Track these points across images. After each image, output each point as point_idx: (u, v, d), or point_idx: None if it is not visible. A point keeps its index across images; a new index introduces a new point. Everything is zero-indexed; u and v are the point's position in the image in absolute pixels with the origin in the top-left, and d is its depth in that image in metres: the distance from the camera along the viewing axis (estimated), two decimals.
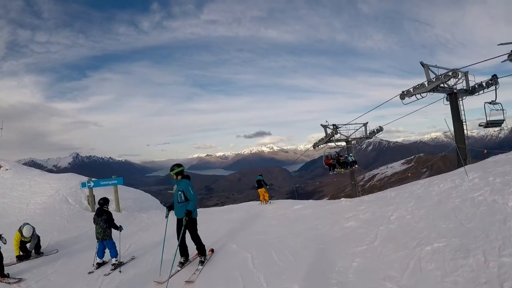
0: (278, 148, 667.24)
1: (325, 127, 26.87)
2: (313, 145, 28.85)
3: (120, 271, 7.72)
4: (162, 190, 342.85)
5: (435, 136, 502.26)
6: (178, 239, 7.13)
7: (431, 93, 17.64)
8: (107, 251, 8.37)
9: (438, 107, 19.33)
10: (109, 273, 7.67)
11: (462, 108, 18.41)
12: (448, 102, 18.66)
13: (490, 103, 18.19)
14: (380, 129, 27.39)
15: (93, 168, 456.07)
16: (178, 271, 7.06)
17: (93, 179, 17.92)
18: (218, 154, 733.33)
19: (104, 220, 8.33)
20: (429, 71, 17.68)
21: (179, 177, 7.39)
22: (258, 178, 20.51)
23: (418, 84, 18.07)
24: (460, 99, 18.35)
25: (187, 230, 7.23)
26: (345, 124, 26.95)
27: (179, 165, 7.44)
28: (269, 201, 20.14)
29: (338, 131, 26.40)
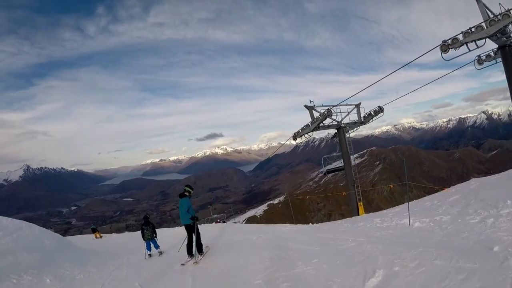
0: (232, 149, 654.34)
1: (310, 108, 20.93)
2: (293, 136, 22.97)
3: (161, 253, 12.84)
4: (117, 199, 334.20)
5: (385, 130, 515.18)
6: (190, 239, 9.93)
7: (494, 37, 12.37)
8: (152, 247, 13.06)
9: (388, 100, 18.87)
10: (159, 255, 12.55)
11: None
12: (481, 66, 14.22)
13: (328, 156, 23.31)
14: (379, 110, 21.88)
15: (45, 181, 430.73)
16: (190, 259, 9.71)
17: None
18: (171, 158, 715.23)
19: (151, 227, 13.19)
20: (486, 10, 12.48)
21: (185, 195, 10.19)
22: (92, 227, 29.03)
23: (471, 28, 12.54)
24: None
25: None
26: (335, 106, 21.12)
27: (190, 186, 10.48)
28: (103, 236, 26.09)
29: (332, 112, 20.37)
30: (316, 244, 9.05)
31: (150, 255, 12.48)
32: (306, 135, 22.40)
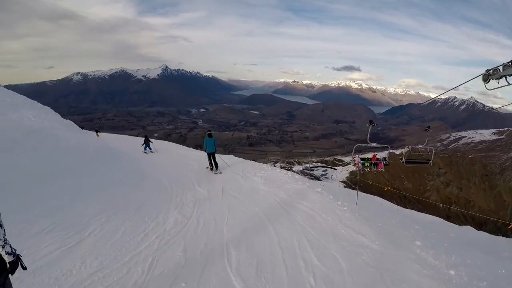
0: (367, 86, 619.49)
1: None
2: (484, 75, 5.74)
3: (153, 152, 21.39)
4: (245, 109, 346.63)
5: None
6: (214, 159, 15.10)
7: None
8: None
9: None
10: (152, 152, 21.16)
11: None
12: None
13: (412, 147, 14.09)
14: None
15: (181, 81, 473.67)
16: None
17: None
18: (304, 81, 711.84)
19: (149, 141, 21.11)
20: None
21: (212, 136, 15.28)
22: None
23: None
24: None
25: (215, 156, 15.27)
26: None
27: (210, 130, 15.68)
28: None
29: None
30: None
31: (145, 152, 20.45)
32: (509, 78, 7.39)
